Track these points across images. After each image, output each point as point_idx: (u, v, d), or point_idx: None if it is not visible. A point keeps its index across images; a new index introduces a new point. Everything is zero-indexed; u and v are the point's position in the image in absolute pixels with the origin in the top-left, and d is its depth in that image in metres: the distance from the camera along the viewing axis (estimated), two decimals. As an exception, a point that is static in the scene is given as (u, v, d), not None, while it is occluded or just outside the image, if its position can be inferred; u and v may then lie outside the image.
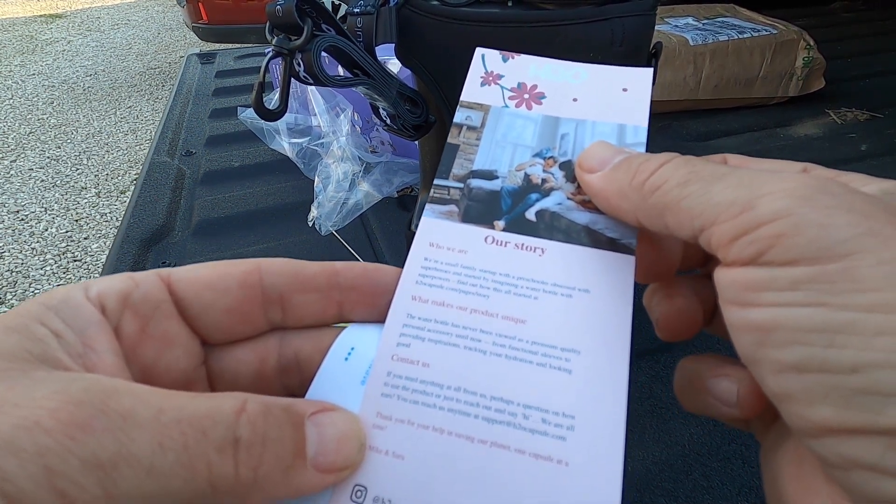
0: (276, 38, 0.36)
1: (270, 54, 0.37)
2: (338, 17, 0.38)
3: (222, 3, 2.97)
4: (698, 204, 0.15)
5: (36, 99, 3.57)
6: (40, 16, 5.54)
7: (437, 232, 0.20)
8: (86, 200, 2.51)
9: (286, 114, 0.84)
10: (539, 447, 0.16)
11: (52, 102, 3.51)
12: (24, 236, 2.27)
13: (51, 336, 0.14)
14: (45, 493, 0.11)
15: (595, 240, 0.19)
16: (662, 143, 0.84)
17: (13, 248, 2.20)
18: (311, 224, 0.68)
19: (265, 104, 0.37)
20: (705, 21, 0.96)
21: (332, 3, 0.44)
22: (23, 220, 2.38)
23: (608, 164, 0.18)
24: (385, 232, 0.66)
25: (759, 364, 0.14)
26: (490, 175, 0.21)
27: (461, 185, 0.21)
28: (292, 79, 0.37)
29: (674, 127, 0.90)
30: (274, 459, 0.13)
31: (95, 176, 2.70)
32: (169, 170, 0.82)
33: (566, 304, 0.18)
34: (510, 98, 0.23)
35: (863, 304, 0.13)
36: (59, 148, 2.97)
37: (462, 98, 0.23)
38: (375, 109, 0.47)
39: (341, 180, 0.70)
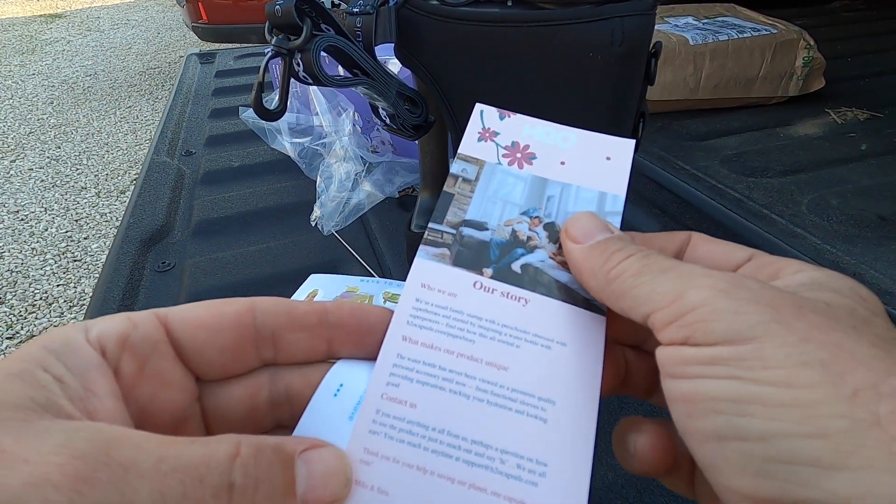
0: (275, 37, 0.36)
1: (270, 54, 0.37)
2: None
3: (222, 3, 2.97)
4: (645, 293, 0.17)
5: (36, 99, 3.57)
6: (40, 16, 5.54)
7: (428, 273, 0.21)
8: (86, 200, 2.51)
9: (288, 113, 0.84)
10: (513, 491, 0.17)
11: (52, 102, 3.51)
12: (24, 236, 2.27)
13: (53, 382, 0.14)
14: None
15: (572, 297, 0.21)
16: (663, 143, 0.84)
17: (13, 248, 2.20)
18: (313, 224, 0.68)
19: (265, 104, 0.37)
20: (705, 20, 0.96)
21: (332, 2, 0.44)
22: (23, 220, 2.38)
23: (590, 239, 0.20)
24: (385, 232, 0.66)
25: (688, 435, 0.16)
26: (481, 226, 0.23)
27: (454, 232, 0.22)
28: (293, 79, 0.37)
29: (674, 127, 0.90)
30: (266, 500, 0.14)
31: (95, 176, 2.70)
32: (169, 170, 0.82)
33: (545, 354, 0.19)
34: (504, 156, 0.24)
35: (768, 379, 0.14)
36: (59, 148, 2.97)
37: (459, 151, 0.24)
38: (375, 109, 0.47)
39: (344, 180, 0.70)
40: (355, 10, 0.40)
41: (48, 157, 2.88)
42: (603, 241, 0.20)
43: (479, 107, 0.25)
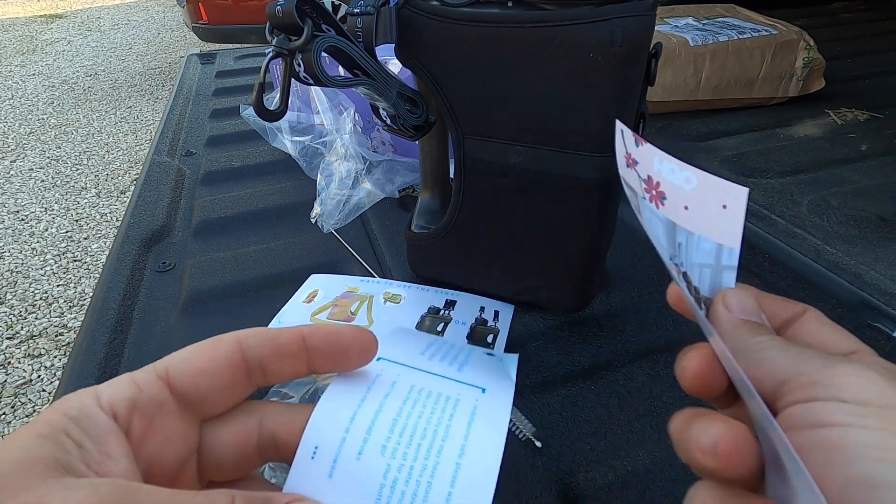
0: (276, 38, 0.36)
1: (270, 55, 0.37)
2: (338, 17, 0.38)
3: (222, 3, 2.97)
4: (789, 363, 0.19)
5: (36, 99, 3.57)
6: (40, 16, 5.54)
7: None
8: (86, 200, 2.51)
9: (289, 112, 0.84)
10: None
11: (52, 102, 3.51)
12: (24, 236, 2.27)
13: (74, 447, 0.16)
14: None
15: None
16: (663, 144, 0.83)
17: (13, 248, 2.20)
18: (313, 221, 0.68)
19: (266, 104, 0.37)
20: (705, 21, 0.96)
21: (333, 3, 0.44)
22: (23, 220, 2.38)
23: (743, 315, 0.21)
24: (385, 232, 0.66)
25: (828, 480, 0.16)
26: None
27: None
28: (293, 79, 0.37)
29: (674, 127, 0.90)
30: None
31: (95, 176, 2.70)
32: (169, 170, 0.82)
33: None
34: (645, 189, 0.24)
35: None
36: (59, 148, 2.97)
37: (620, 173, 0.24)
38: (375, 110, 0.47)
39: (344, 178, 0.71)
40: (356, 10, 0.40)
41: (48, 157, 2.88)
42: (752, 324, 0.21)
43: (619, 125, 0.25)
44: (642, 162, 0.24)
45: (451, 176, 0.56)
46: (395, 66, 0.66)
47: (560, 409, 0.44)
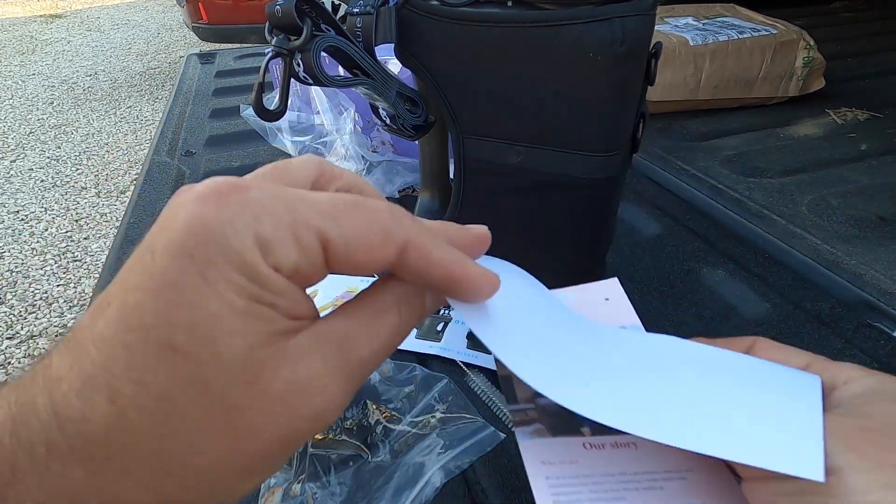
0: (275, 38, 0.36)
1: (270, 54, 0.37)
2: (337, 17, 0.38)
3: (222, 3, 2.97)
4: None
5: (36, 99, 3.57)
6: (40, 16, 5.54)
7: (540, 450, 0.21)
8: (86, 200, 2.51)
9: (289, 112, 0.84)
10: None
11: (52, 102, 3.51)
12: (24, 236, 2.27)
13: (271, 312, 0.16)
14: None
15: None
16: (663, 144, 0.84)
17: (13, 248, 2.19)
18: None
19: (265, 104, 0.37)
20: (705, 21, 0.96)
21: (332, 3, 0.44)
22: (23, 220, 2.38)
23: None
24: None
25: None
26: None
27: (532, 406, 0.22)
28: (293, 79, 0.37)
29: (674, 127, 0.90)
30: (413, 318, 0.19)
31: (95, 176, 2.70)
32: (169, 170, 0.82)
33: (685, 486, 0.20)
34: None
35: None
36: (59, 148, 2.96)
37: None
38: (375, 109, 0.47)
39: (342, 180, 0.70)
40: (355, 10, 0.40)
41: (48, 157, 2.87)
42: None
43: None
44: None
45: (451, 176, 0.56)
46: (394, 66, 0.66)
47: (560, 408, 0.44)
